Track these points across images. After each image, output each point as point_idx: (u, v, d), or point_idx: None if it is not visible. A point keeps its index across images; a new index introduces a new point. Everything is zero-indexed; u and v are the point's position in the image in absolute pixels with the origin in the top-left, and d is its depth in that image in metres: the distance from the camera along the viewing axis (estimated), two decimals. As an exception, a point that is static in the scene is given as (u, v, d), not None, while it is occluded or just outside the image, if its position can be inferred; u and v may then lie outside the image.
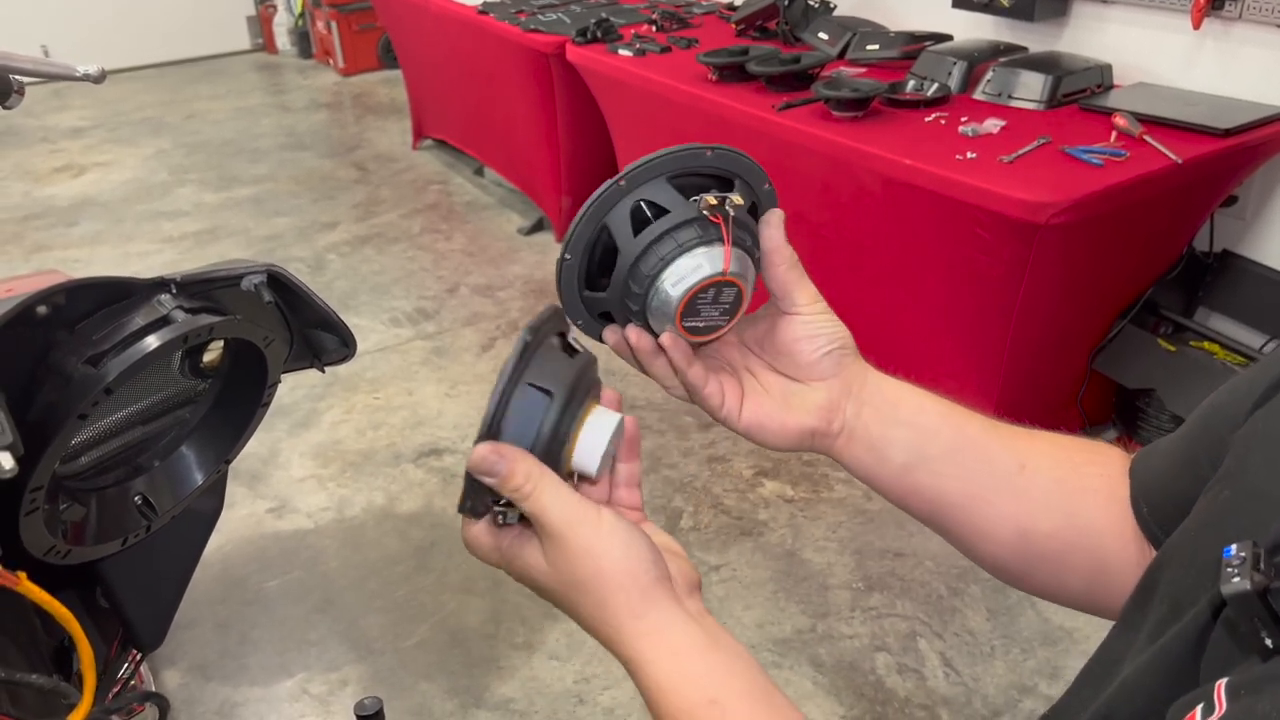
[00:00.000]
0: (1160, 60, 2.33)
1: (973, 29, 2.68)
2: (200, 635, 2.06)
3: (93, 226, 4.14)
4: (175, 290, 0.75)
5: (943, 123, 2.21)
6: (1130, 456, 0.71)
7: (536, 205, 3.80)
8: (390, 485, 2.49)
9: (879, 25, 2.80)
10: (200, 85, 6.14)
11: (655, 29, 3.14)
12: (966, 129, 2.13)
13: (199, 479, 0.87)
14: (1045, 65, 2.32)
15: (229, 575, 2.21)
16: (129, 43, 6.34)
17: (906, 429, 0.68)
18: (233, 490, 2.43)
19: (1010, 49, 2.51)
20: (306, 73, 6.35)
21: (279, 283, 0.80)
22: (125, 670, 1.08)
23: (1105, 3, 2.41)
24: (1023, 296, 1.99)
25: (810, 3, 2.90)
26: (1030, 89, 2.28)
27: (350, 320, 0.83)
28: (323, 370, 0.89)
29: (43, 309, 0.68)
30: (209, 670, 1.98)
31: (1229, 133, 1.99)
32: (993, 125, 2.15)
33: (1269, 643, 0.38)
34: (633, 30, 3.13)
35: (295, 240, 3.90)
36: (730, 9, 3.27)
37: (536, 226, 3.81)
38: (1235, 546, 0.40)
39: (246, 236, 3.96)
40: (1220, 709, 0.37)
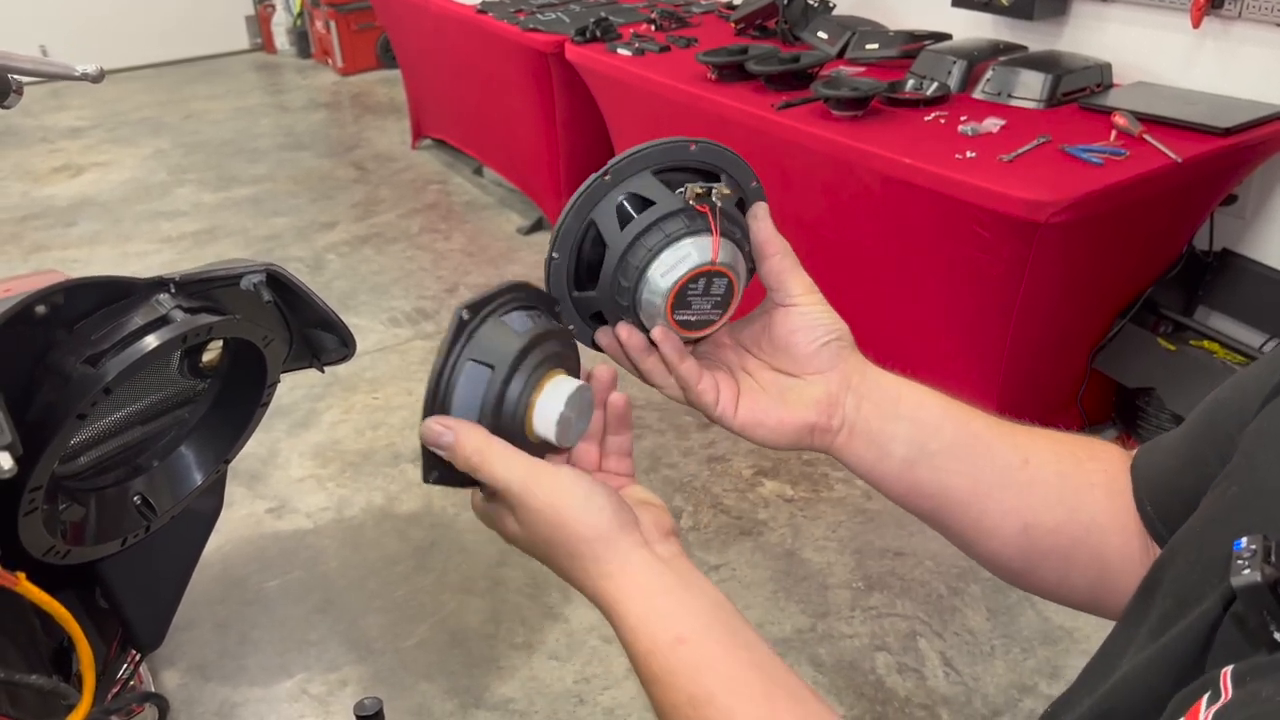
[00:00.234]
0: (1160, 59, 2.33)
1: (972, 28, 2.68)
2: (199, 635, 2.06)
3: (91, 226, 4.14)
4: (174, 290, 0.74)
5: (942, 122, 2.20)
6: (1129, 453, 0.70)
7: (536, 205, 3.80)
8: (389, 485, 2.49)
9: (878, 24, 2.79)
10: (199, 85, 6.13)
11: (654, 28, 3.14)
12: (966, 128, 2.13)
13: (198, 479, 0.86)
14: (1045, 64, 2.32)
15: (228, 575, 2.21)
16: (127, 42, 6.34)
17: (908, 423, 0.67)
18: (232, 490, 2.43)
19: (1010, 48, 2.51)
20: (305, 72, 6.35)
21: (278, 282, 0.80)
22: (125, 671, 1.08)
23: (1105, 2, 2.41)
24: (1022, 295, 1.99)
25: (809, 2, 2.89)
26: (1030, 88, 2.28)
27: (349, 320, 0.83)
28: (322, 370, 0.89)
29: (41, 309, 0.68)
30: (208, 670, 1.98)
31: (1229, 132, 1.98)
32: (992, 124, 2.15)
33: (1278, 636, 0.38)
34: (632, 29, 3.13)
35: (294, 240, 3.90)
36: (729, 8, 3.27)
37: (536, 226, 3.81)
38: (1246, 539, 0.40)
39: (245, 236, 3.96)
40: (1226, 695, 0.36)
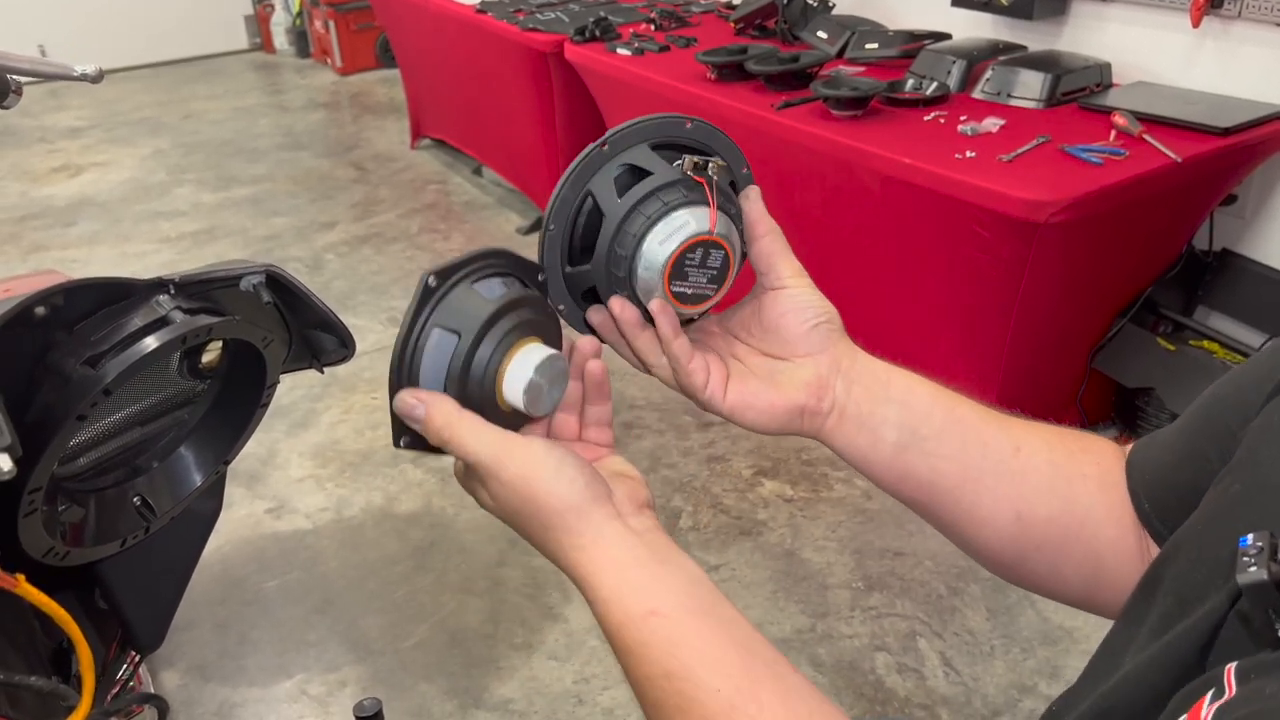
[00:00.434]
0: (1159, 59, 2.33)
1: (972, 28, 2.68)
2: (199, 636, 2.06)
3: (90, 226, 4.14)
4: (174, 291, 0.74)
5: (942, 121, 2.20)
6: (1122, 448, 0.69)
7: (535, 205, 3.80)
8: (389, 485, 2.49)
9: (878, 24, 2.79)
10: (198, 85, 6.13)
11: (654, 28, 3.13)
12: (966, 128, 2.13)
13: (198, 480, 0.86)
14: (1044, 64, 2.32)
15: (228, 576, 2.21)
16: (126, 42, 6.33)
17: (898, 407, 0.66)
18: (231, 491, 2.43)
19: (1009, 48, 2.51)
20: (304, 72, 6.34)
21: (278, 283, 0.80)
22: (124, 671, 1.08)
23: (1104, 1, 2.41)
24: (1022, 295, 1.99)
25: (809, 1, 2.89)
26: (1029, 88, 2.28)
27: (348, 320, 0.83)
28: (322, 371, 0.88)
29: (41, 310, 0.68)
30: (208, 671, 1.98)
31: (1228, 131, 1.98)
32: (992, 124, 2.15)
33: None
34: (631, 29, 3.13)
35: (293, 240, 3.90)
36: (729, 8, 3.26)
37: (535, 226, 3.81)
38: (1252, 536, 0.39)
39: (244, 236, 3.96)
40: (1230, 692, 0.36)
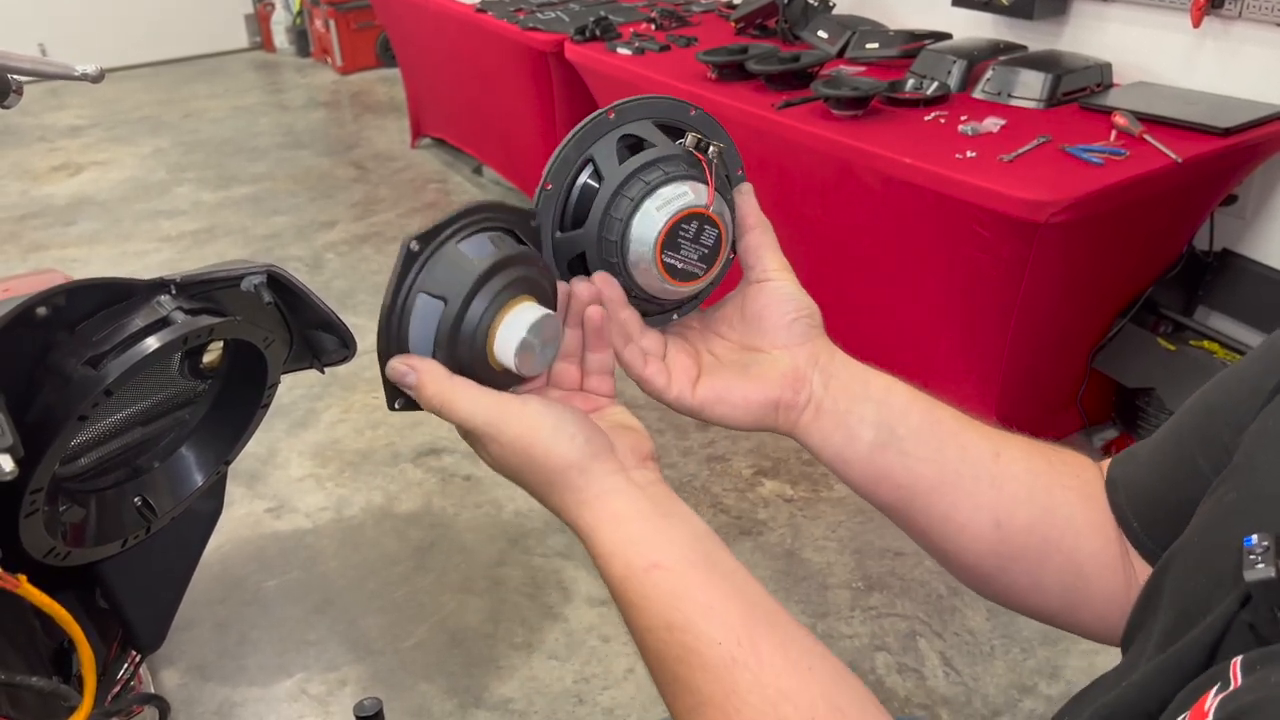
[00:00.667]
0: (1160, 59, 2.33)
1: (972, 28, 2.68)
2: (199, 635, 2.06)
3: (90, 225, 4.14)
4: (175, 291, 0.74)
5: (942, 121, 2.20)
6: (1099, 465, 0.68)
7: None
8: (389, 485, 2.49)
9: (878, 24, 2.79)
10: (198, 84, 6.13)
11: (654, 27, 3.13)
12: (966, 128, 2.13)
13: (198, 480, 0.86)
14: (1045, 64, 2.32)
15: (228, 575, 2.21)
16: (127, 41, 6.33)
17: (876, 406, 0.65)
18: (231, 490, 2.43)
19: (1010, 47, 2.51)
20: (305, 71, 6.34)
21: (279, 283, 0.79)
22: (125, 671, 1.08)
23: (1105, 1, 2.41)
24: (1023, 295, 1.99)
25: (809, 1, 2.89)
26: (1030, 88, 2.28)
27: (348, 319, 0.83)
28: (322, 371, 0.88)
29: (43, 310, 0.68)
30: (208, 670, 1.98)
31: (1229, 131, 1.98)
32: (992, 124, 2.15)
33: None
34: (632, 29, 3.12)
35: (293, 239, 3.90)
36: (729, 7, 3.26)
37: (535, 225, 3.81)
38: (1256, 536, 0.40)
39: (244, 235, 3.96)
40: (1235, 684, 0.37)
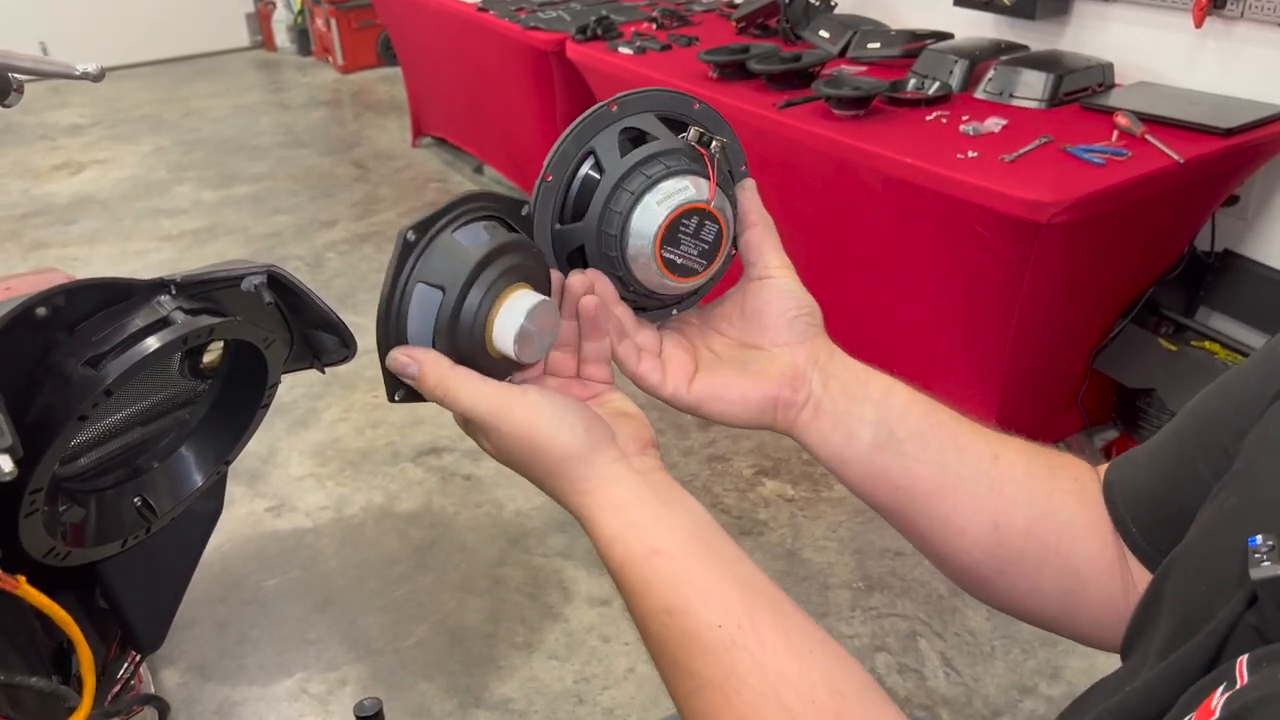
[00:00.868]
0: (1162, 59, 2.32)
1: (974, 27, 2.67)
2: (199, 635, 2.06)
3: (91, 224, 4.14)
4: (175, 291, 0.74)
5: (944, 121, 2.20)
6: (1096, 470, 0.68)
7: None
8: (389, 484, 2.49)
9: (880, 23, 2.79)
10: (199, 83, 6.13)
11: (656, 26, 3.13)
12: (968, 128, 2.13)
13: (198, 480, 0.86)
14: (1047, 64, 2.31)
15: (228, 574, 2.21)
16: (128, 40, 6.33)
17: (875, 406, 0.65)
18: (231, 489, 2.42)
19: (1011, 47, 2.50)
20: (306, 70, 6.34)
21: (279, 283, 0.79)
22: (125, 671, 1.08)
23: (1107, 1, 2.41)
24: (1024, 295, 1.98)
25: (811, 1, 2.89)
26: (1032, 88, 2.28)
27: (349, 318, 0.83)
28: (323, 371, 0.88)
29: (42, 310, 0.68)
30: (208, 670, 1.98)
31: (1231, 132, 1.98)
32: (994, 124, 2.14)
33: None
34: (633, 28, 3.12)
35: (294, 238, 3.90)
36: (731, 6, 3.26)
37: (536, 224, 3.81)
38: (1261, 536, 0.41)
39: (245, 234, 3.96)
40: (1242, 682, 0.37)
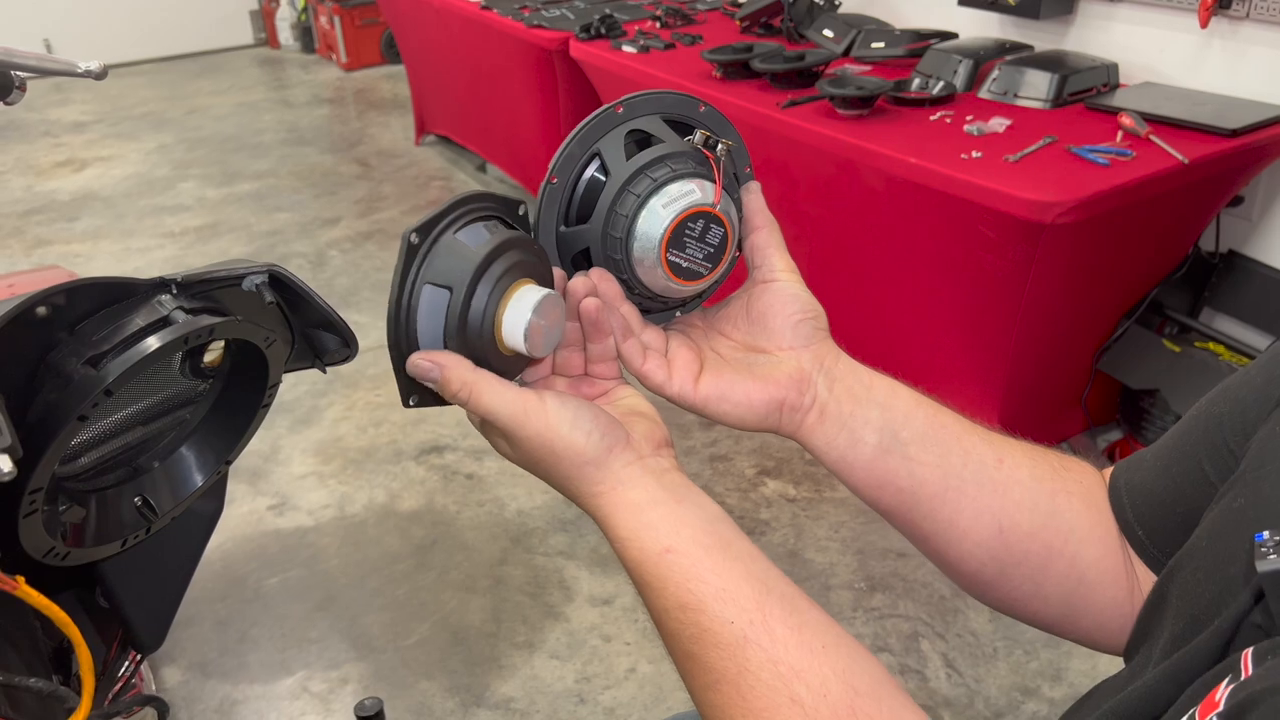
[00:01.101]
0: (1167, 59, 2.32)
1: (978, 27, 2.67)
2: (200, 633, 2.06)
3: (94, 222, 4.14)
4: (176, 290, 0.74)
5: (948, 121, 2.20)
6: (1101, 471, 0.68)
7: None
8: (391, 483, 2.49)
9: (884, 23, 2.79)
10: (202, 80, 6.13)
11: (659, 25, 3.13)
12: (972, 128, 2.12)
13: (199, 480, 0.86)
14: (1051, 64, 2.31)
15: (229, 573, 2.21)
16: (132, 37, 6.34)
17: (880, 410, 0.65)
18: (233, 487, 2.43)
19: (1016, 47, 2.50)
20: (309, 68, 6.34)
21: (280, 283, 0.79)
22: (125, 668, 1.08)
23: (1112, 1, 2.40)
24: (1027, 296, 1.98)
25: (815, 0, 2.89)
26: (1036, 88, 2.27)
27: (351, 317, 0.82)
28: (324, 371, 0.88)
29: (43, 310, 0.68)
30: (209, 668, 1.98)
31: (1236, 133, 1.97)
32: (998, 124, 2.14)
33: None
34: (637, 26, 3.12)
35: (297, 236, 3.90)
36: (735, 5, 3.26)
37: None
38: (1268, 533, 0.41)
39: (248, 232, 3.96)
40: (1247, 674, 0.37)
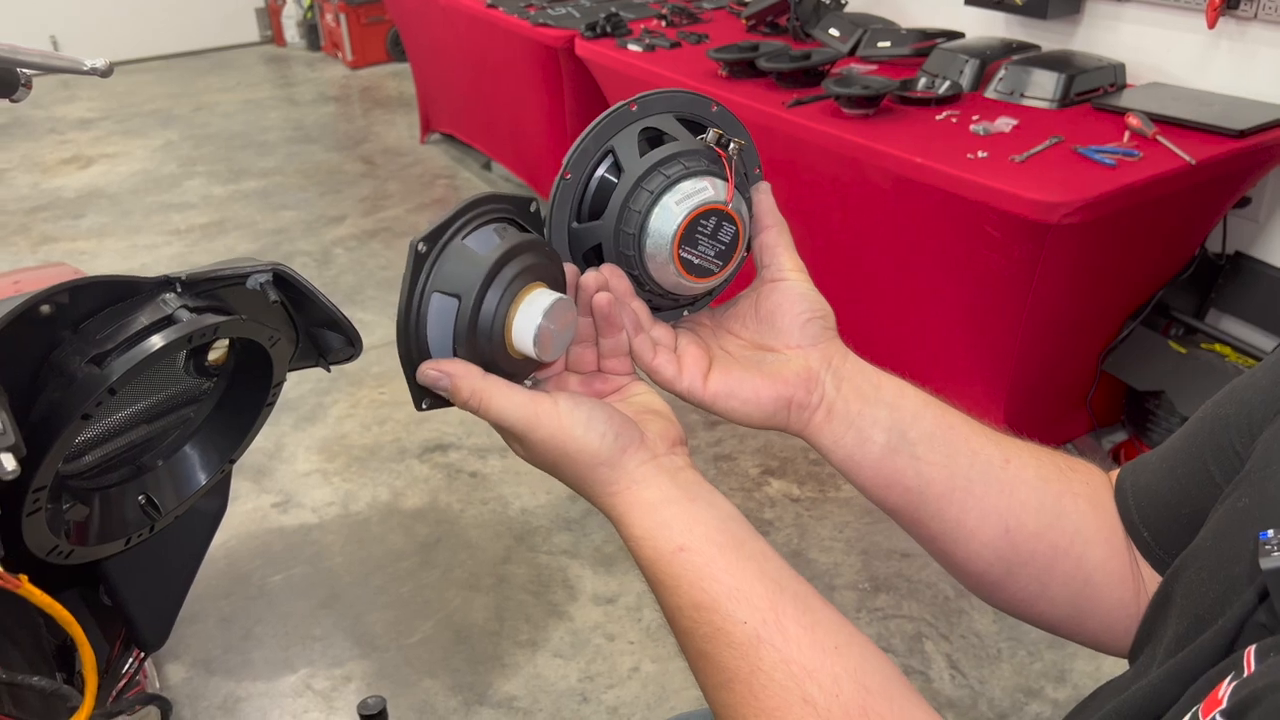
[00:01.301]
0: (1174, 60, 2.31)
1: (985, 27, 2.66)
2: (204, 630, 2.06)
3: (100, 219, 4.15)
4: (180, 289, 0.74)
5: (954, 121, 2.19)
6: (1108, 473, 0.68)
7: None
8: (395, 481, 2.49)
9: (890, 22, 2.78)
10: (209, 77, 6.14)
11: (665, 24, 3.12)
12: (978, 127, 2.12)
13: (203, 479, 0.86)
14: (1058, 64, 2.30)
15: (233, 570, 2.21)
16: (138, 34, 6.35)
17: (888, 409, 0.65)
18: (238, 485, 2.43)
19: (1023, 47, 2.49)
20: (315, 65, 6.34)
21: (285, 281, 0.79)
22: (129, 666, 1.08)
23: (1119, 1, 2.39)
24: (1033, 296, 1.97)
25: (821, -1, 2.88)
26: (1043, 88, 2.26)
27: (356, 315, 0.82)
28: (328, 369, 0.88)
29: (46, 308, 0.68)
30: (213, 665, 1.98)
31: (1243, 134, 1.97)
32: (1004, 124, 2.13)
33: None
34: (642, 25, 3.12)
35: (302, 234, 3.90)
36: (741, 4, 3.25)
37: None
38: (1272, 531, 0.42)
39: (253, 229, 3.96)
40: (1250, 671, 0.37)
